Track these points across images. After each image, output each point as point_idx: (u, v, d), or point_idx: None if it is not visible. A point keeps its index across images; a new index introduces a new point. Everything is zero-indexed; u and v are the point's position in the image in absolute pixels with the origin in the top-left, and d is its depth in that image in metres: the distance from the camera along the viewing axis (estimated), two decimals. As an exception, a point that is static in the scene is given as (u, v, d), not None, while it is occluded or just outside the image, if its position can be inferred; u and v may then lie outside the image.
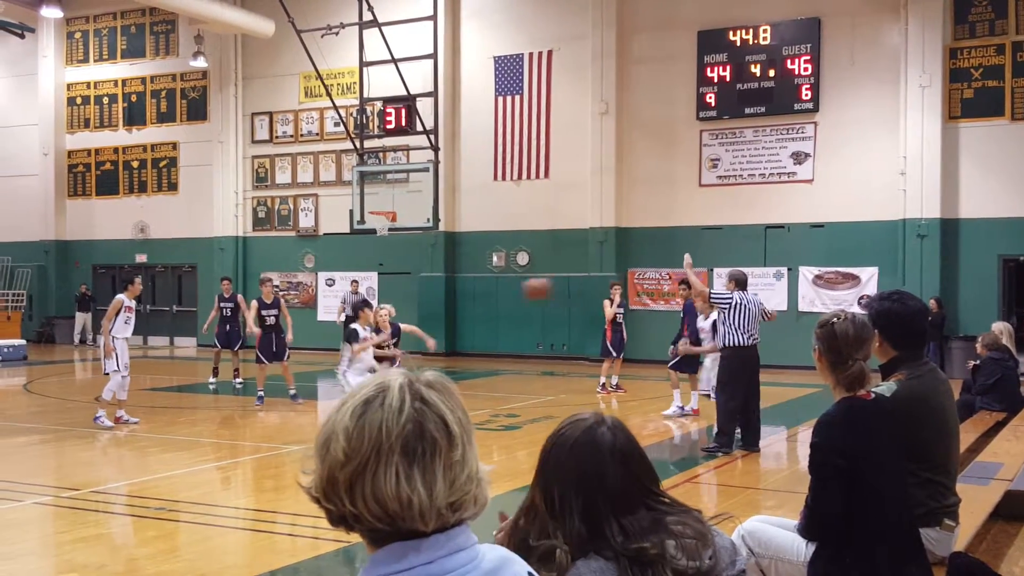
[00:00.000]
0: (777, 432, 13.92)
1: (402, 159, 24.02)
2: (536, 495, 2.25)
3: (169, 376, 20.82)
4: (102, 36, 29.89)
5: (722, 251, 22.06)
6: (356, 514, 1.49)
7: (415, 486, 1.47)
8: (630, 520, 2.17)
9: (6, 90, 30.92)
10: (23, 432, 12.85)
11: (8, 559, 7.03)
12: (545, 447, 2.28)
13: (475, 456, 1.56)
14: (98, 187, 29.97)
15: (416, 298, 24.71)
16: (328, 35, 21.99)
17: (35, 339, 28.55)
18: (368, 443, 1.48)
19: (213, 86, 27.97)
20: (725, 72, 21.85)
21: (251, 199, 27.80)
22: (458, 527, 1.53)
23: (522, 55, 23.96)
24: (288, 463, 11.01)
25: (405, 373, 1.57)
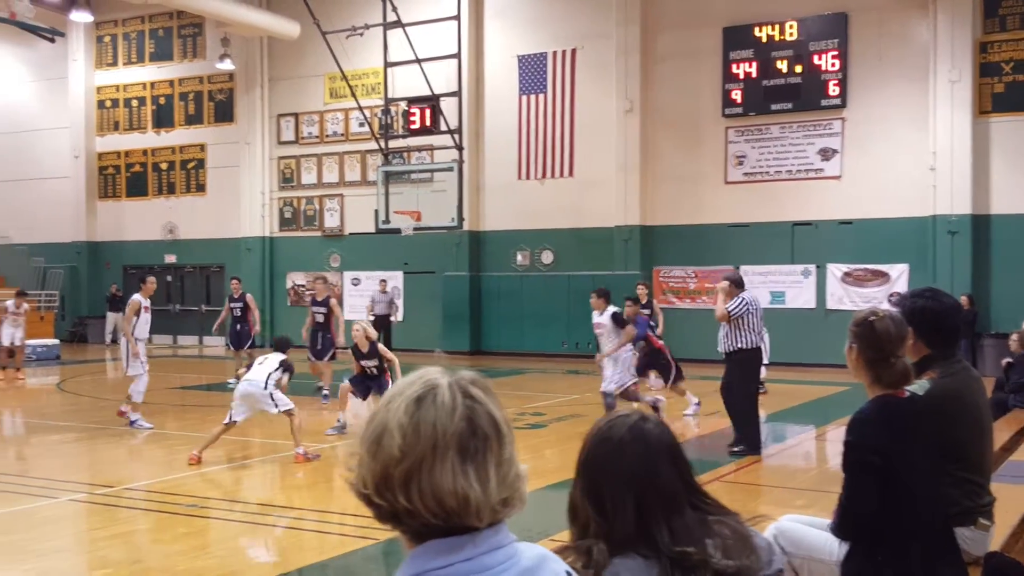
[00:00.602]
0: (806, 431, 13.84)
1: (426, 159, 24.11)
2: (578, 495, 2.24)
3: (198, 375, 20.98)
4: (130, 40, 30.15)
5: (749, 248, 21.97)
6: (411, 510, 1.50)
7: (471, 482, 1.50)
8: (678, 520, 2.17)
9: (37, 94, 31.25)
10: (58, 430, 13.00)
11: (44, 555, 7.12)
12: (588, 446, 2.26)
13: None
14: (128, 189, 30.25)
15: (441, 297, 24.78)
16: (353, 36, 22.13)
17: (68, 339, 28.86)
18: (424, 440, 1.50)
19: (240, 88, 28.16)
20: (751, 68, 21.75)
21: (277, 199, 27.96)
22: (496, 525, 1.55)
23: (546, 54, 23.95)
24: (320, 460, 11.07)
25: (446, 371, 1.59)
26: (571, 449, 8.35)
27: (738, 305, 10.82)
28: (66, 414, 14.98)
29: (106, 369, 23.43)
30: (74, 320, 30.18)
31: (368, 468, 1.54)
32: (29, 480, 9.77)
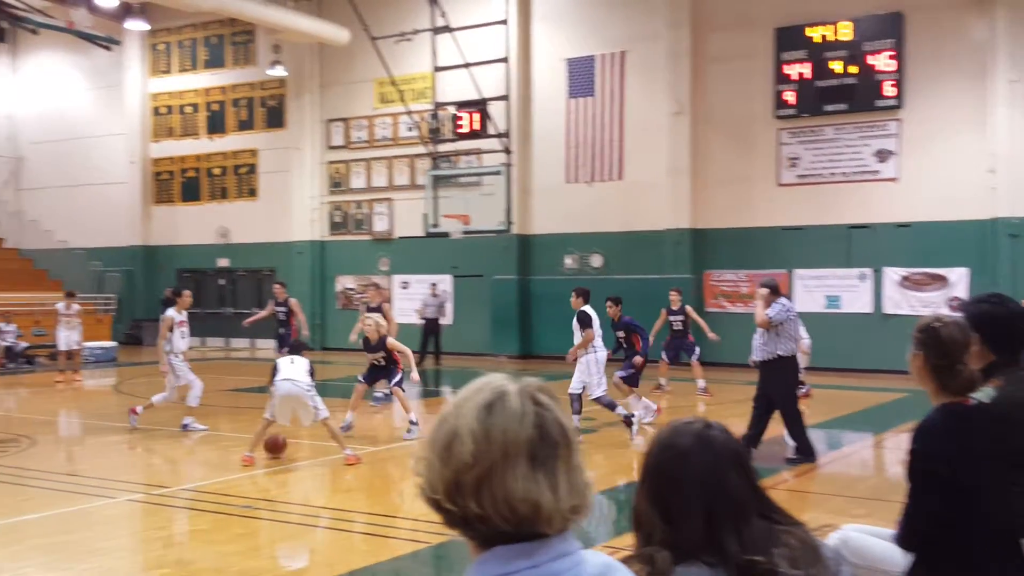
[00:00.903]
0: (863, 439, 13.62)
1: (475, 163, 24.16)
2: (643, 503, 2.21)
3: (250, 377, 21.17)
4: (184, 47, 30.58)
5: (802, 252, 21.71)
6: (482, 516, 1.51)
7: (542, 489, 1.50)
8: (746, 529, 2.14)
9: (95, 101, 31.82)
10: (115, 431, 13.20)
11: (103, 554, 7.22)
12: (653, 454, 2.23)
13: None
14: (182, 194, 30.68)
15: (489, 301, 24.79)
16: (402, 41, 22.25)
17: (124, 341, 29.29)
18: (496, 446, 1.50)
19: (290, 94, 28.43)
20: (804, 69, 21.48)
21: (327, 204, 28.18)
22: (564, 532, 1.55)
23: (594, 57, 23.88)
24: (368, 463, 11.13)
25: (511, 377, 1.59)
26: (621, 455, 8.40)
27: (779, 311, 10.60)
28: (123, 415, 15.17)
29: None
30: (130, 323, 30.65)
31: (438, 473, 1.55)
32: (88, 480, 9.92)
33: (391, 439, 13.25)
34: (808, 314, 21.56)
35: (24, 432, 13.20)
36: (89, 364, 23.94)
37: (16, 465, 10.68)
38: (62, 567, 6.89)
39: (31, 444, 12.18)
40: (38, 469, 10.46)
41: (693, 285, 22.51)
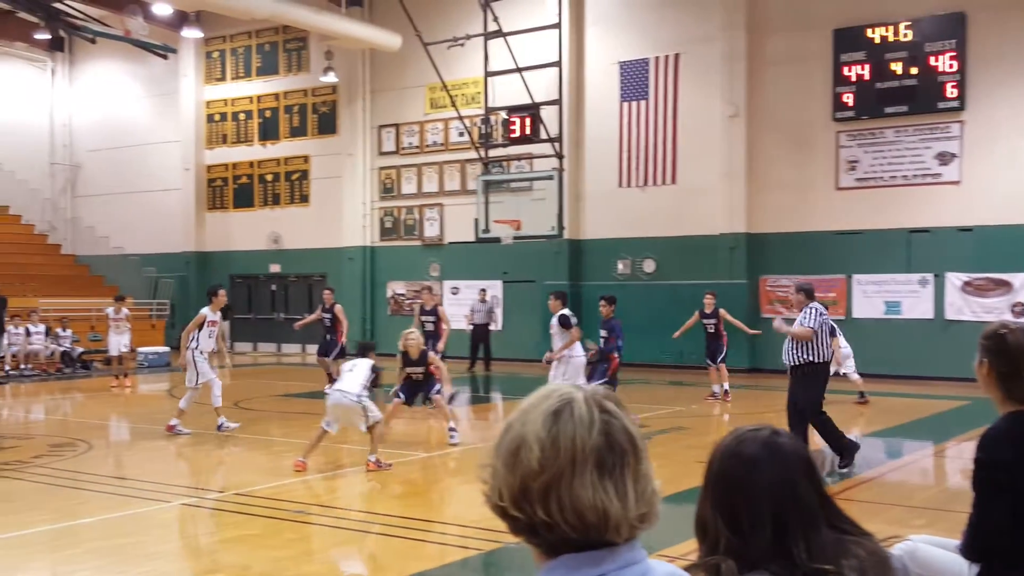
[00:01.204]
0: (923, 447, 13.31)
1: (526, 167, 24.06)
2: (708, 512, 2.15)
3: (301, 382, 21.25)
4: (238, 55, 30.89)
5: (861, 257, 21.31)
6: (549, 523, 1.49)
7: (610, 497, 1.49)
8: (815, 537, 2.08)
9: (150, 109, 32.26)
10: (168, 436, 13.25)
11: (158, 558, 7.21)
12: (718, 462, 2.17)
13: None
14: (235, 200, 30.96)
15: (540, 306, 24.57)
16: (454, 47, 22.21)
17: (177, 346, 29.56)
18: (563, 453, 1.50)
19: (342, 100, 28.58)
20: (863, 71, 21.10)
21: (378, 209, 28.26)
22: (632, 541, 1.54)
23: (647, 60, 23.68)
24: (419, 469, 11.06)
25: (578, 385, 1.59)
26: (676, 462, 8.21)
27: (815, 318, 10.22)
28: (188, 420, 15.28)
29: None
30: (183, 328, 30.94)
31: (504, 481, 1.54)
32: (142, 484, 9.95)
33: (441, 445, 13.17)
34: (867, 320, 21.24)
35: (80, 436, 13.31)
36: (143, 369, 24.21)
37: (72, 469, 10.76)
38: (118, 571, 6.88)
39: (87, 448, 12.28)
40: (94, 473, 10.52)
41: (748, 290, 22.23)
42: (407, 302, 27.00)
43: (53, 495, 9.46)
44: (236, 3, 21.99)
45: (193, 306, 30.96)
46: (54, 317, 24.33)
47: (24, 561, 7.20)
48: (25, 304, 24.02)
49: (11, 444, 12.76)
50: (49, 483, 9.99)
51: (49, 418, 16.70)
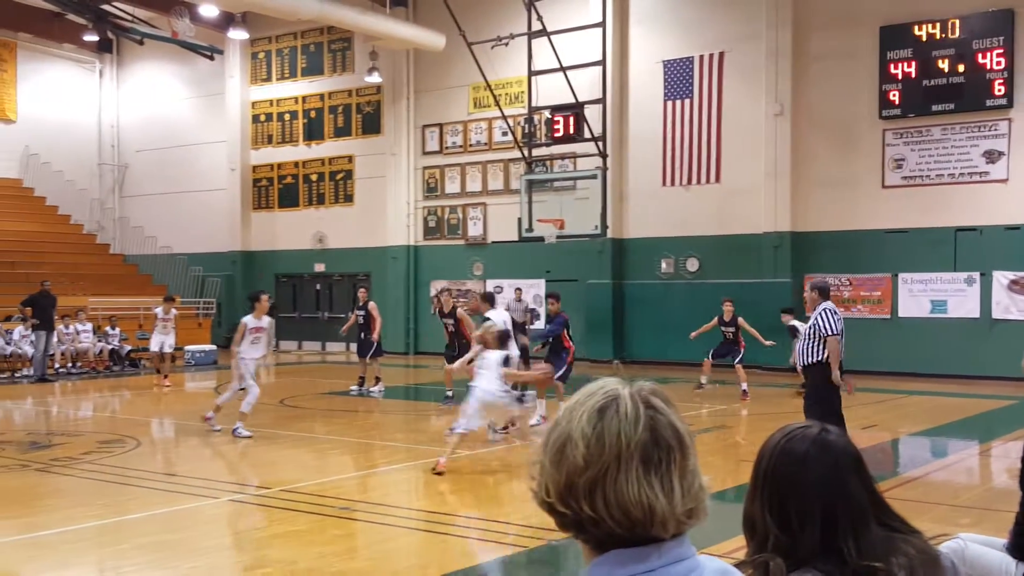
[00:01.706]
0: (969, 447, 13.16)
1: (569, 167, 24.04)
2: (757, 510, 2.15)
3: (345, 381, 21.41)
4: (283, 56, 31.18)
5: (907, 255, 21.08)
6: (595, 519, 1.50)
7: (656, 493, 1.49)
8: (865, 535, 2.08)
9: (197, 109, 32.67)
10: (215, 433, 13.42)
11: (207, 553, 7.33)
12: (767, 460, 2.17)
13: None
14: (280, 200, 31.26)
15: (584, 305, 24.63)
16: (498, 46, 22.26)
17: (223, 344, 29.88)
18: (608, 450, 1.50)
19: (386, 100, 28.74)
20: (910, 68, 20.85)
21: (422, 209, 28.39)
22: (680, 536, 1.54)
23: (692, 58, 23.57)
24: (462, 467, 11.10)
25: (625, 382, 1.59)
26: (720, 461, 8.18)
27: (832, 321, 9.92)
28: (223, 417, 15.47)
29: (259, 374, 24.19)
30: (230, 327, 31.29)
31: (551, 477, 1.55)
32: (190, 480, 10.10)
33: (486, 443, 13.22)
34: (913, 319, 21.01)
35: (129, 433, 13.53)
36: (190, 367, 24.53)
37: (121, 465, 10.94)
38: (167, 565, 7.00)
39: (136, 445, 12.48)
40: (142, 469, 10.69)
41: (792, 289, 22.04)
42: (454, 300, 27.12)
43: (102, 491, 9.63)
44: (282, 4, 22.21)
45: (239, 305, 31.35)
46: (103, 316, 24.73)
47: (74, 556, 7.34)
48: (75, 303, 24.43)
49: (61, 441, 13.01)
50: (98, 479, 10.17)
51: (98, 415, 16.99)
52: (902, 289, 21.27)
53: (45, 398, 18.40)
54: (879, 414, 15.41)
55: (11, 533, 7.88)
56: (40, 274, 24.26)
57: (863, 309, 21.66)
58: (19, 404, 17.84)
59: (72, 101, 33.54)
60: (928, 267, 20.94)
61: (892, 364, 20.87)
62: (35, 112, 32.49)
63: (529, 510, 9.03)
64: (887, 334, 21.30)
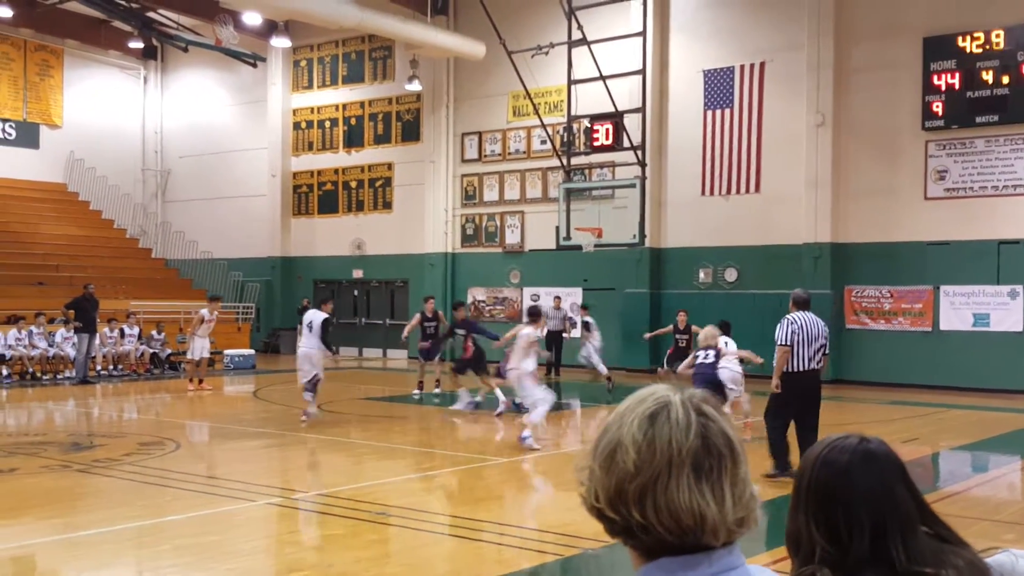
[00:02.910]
0: (1011, 462, 12.95)
1: (608, 175, 24.00)
2: (802, 523, 2.11)
3: (382, 386, 21.53)
4: (325, 63, 31.44)
5: (949, 268, 20.81)
6: (645, 525, 1.49)
7: (707, 500, 1.48)
8: (914, 542, 2.04)
9: (239, 116, 33.02)
10: (254, 436, 13.56)
11: (244, 555, 7.39)
12: (811, 473, 2.13)
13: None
14: (319, 206, 31.50)
15: (620, 314, 24.58)
16: (538, 55, 22.30)
17: (262, 349, 30.21)
18: (659, 456, 1.49)
19: (426, 108, 28.87)
20: (953, 79, 20.60)
21: (460, 216, 28.47)
22: (730, 545, 1.53)
23: (733, 68, 23.46)
24: (498, 473, 11.11)
25: (676, 388, 1.58)
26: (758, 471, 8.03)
27: (786, 331, 10.25)
28: (261, 421, 15.64)
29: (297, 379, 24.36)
30: (268, 331, 31.59)
31: (601, 483, 1.54)
32: (229, 483, 10.18)
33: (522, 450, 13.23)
34: (955, 332, 20.74)
35: (169, 435, 13.68)
36: (229, 371, 24.75)
37: (161, 467, 11.06)
38: (205, 567, 7.06)
39: (175, 447, 12.61)
40: (182, 471, 10.80)
41: (833, 300, 21.86)
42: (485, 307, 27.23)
43: (142, 492, 9.74)
44: (324, 12, 22.41)
45: (278, 310, 31.68)
46: (147, 320, 25.02)
47: (114, 556, 7.43)
48: (117, 306, 24.74)
49: (102, 442, 13.18)
50: (139, 480, 10.28)
51: (138, 417, 17.20)
52: (944, 302, 21.01)
53: (87, 400, 18.65)
54: (920, 428, 15.22)
55: (52, 533, 7.99)
56: (84, 277, 24.60)
57: (904, 322, 21.42)
58: (61, 405, 18.10)
59: (117, 107, 34.04)
60: (970, 280, 20.67)
61: (933, 378, 20.61)
62: (81, 118, 33.01)
63: (564, 518, 9.02)
64: (928, 347, 21.04)
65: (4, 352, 21.60)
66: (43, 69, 32.45)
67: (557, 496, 10.18)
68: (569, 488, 10.17)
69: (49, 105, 32.59)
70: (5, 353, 21.59)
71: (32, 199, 31.35)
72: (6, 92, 31.50)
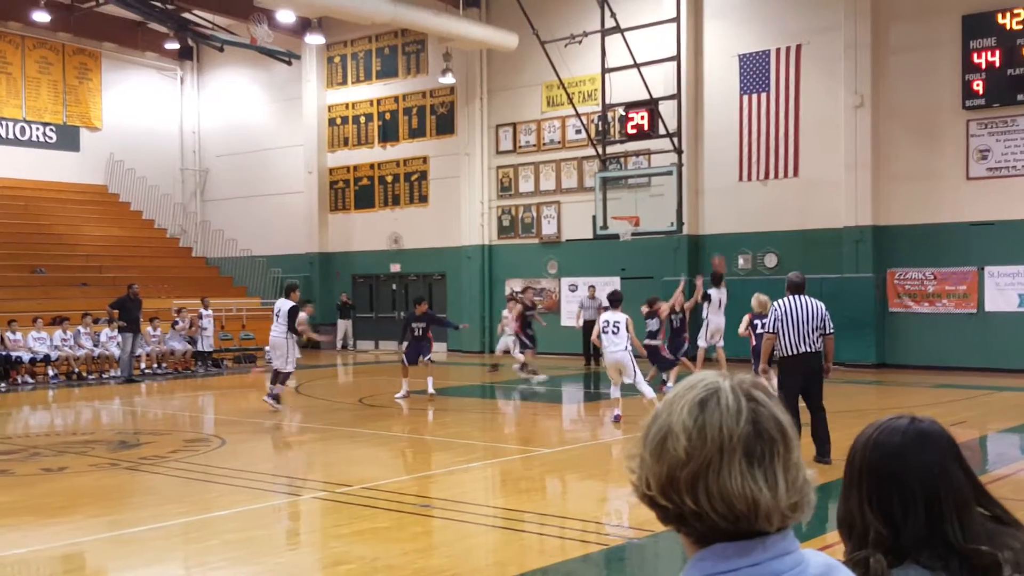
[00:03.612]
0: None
1: (644, 163, 23.88)
2: (855, 505, 2.11)
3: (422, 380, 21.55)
4: (358, 59, 31.53)
5: (993, 248, 20.49)
6: (698, 512, 1.49)
7: (760, 486, 1.47)
8: (969, 520, 2.03)
9: (275, 114, 33.22)
10: (298, 431, 13.67)
11: (292, 549, 7.46)
12: (865, 456, 2.12)
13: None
14: (356, 201, 31.63)
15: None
16: (571, 44, 22.21)
17: (303, 345, 30.34)
18: (710, 443, 1.49)
19: (460, 101, 28.88)
20: (994, 57, 20.25)
21: (496, 208, 28.46)
22: (784, 530, 1.52)
23: (768, 51, 23.22)
24: (541, 464, 11.11)
25: (725, 374, 1.57)
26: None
27: (770, 320, 10.49)
28: (304, 415, 15.75)
29: (338, 374, 24.55)
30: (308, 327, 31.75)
31: (651, 470, 1.53)
32: (274, 478, 10.27)
33: (563, 441, 13.22)
34: (1000, 313, 20.43)
35: (214, 432, 13.82)
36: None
37: (207, 463, 11.17)
38: (252, 561, 7.12)
39: (220, 443, 12.73)
40: (227, 467, 10.90)
41: (875, 284, 21.63)
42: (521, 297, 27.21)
43: (189, 488, 9.85)
44: (357, 8, 22.47)
45: (318, 305, 31.75)
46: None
47: (163, 552, 7.52)
48: (159, 305, 25.00)
49: (149, 440, 13.34)
50: (185, 477, 10.39)
51: (183, 415, 17.39)
52: (988, 283, 20.69)
53: (132, 398, 18.88)
54: (967, 410, 15.01)
55: (102, 530, 8.09)
56: (127, 277, 24.90)
57: (948, 304, 21.13)
58: (107, 404, 18.35)
59: (155, 108, 34.38)
60: (1015, 260, 20.33)
61: (979, 360, 20.32)
62: (119, 120, 33.39)
63: (607, 508, 9.00)
64: (973, 329, 20.75)
65: (50, 353, 21.93)
66: (82, 72, 32.85)
67: (599, 486, 10.16)
68: (610, 478, 10.15)
69: (88, 108, 32.99)
70: (51, 354, 21.92)
71: (74, 201, 31.78)
72: (46, 96, 31.93)
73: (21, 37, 31.13)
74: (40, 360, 21.71)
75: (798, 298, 10.45)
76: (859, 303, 21.47)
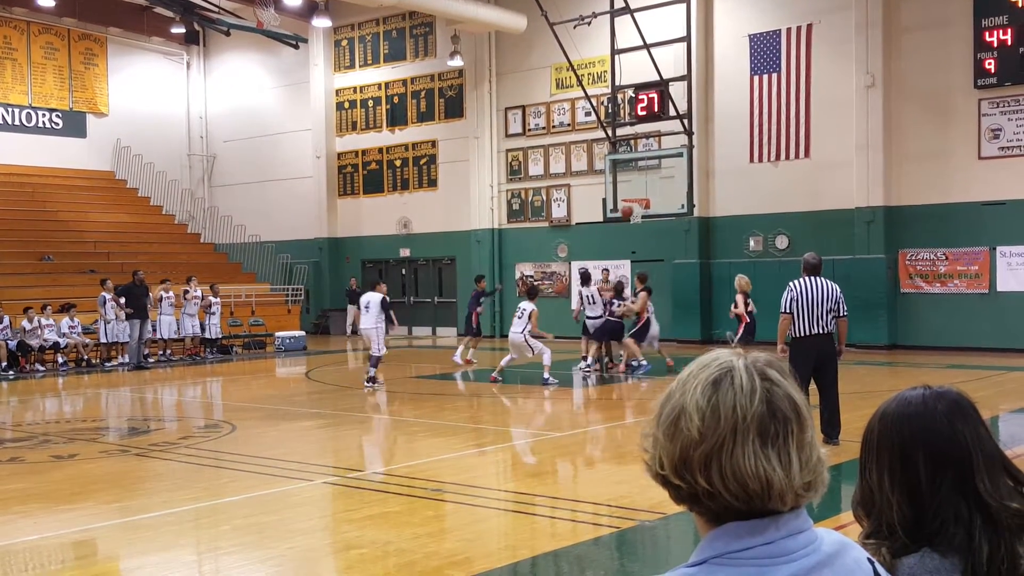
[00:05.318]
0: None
1: (654, 145, 23.74)
2: (875, 481, 2.05)
3: (432, 364, 21.58)
4: (366, 42, 31.40)
5: (1005, 228, 20.38)
6: (711, 492, 1.48)
7: (773, 466, 1.47)
8: (999, 480, 1.99)
9: (282, 98, 33.13)
10: (309, 416, 13.65)
11: (302, 534, 7.42)
12: (886, 428, 2.06)
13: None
14: (365, 186, 31.56)
15: (670, 285, 24.37)
16: (580, 25, 22.07)
17: (312, 330, 30.41)
18: (724, 422, 1.48)
19: (468, 84, 28.75)
20: (1006, 36, 20.07)
21: (505, 192, 28.36)
22: (798, 509, 1.52)
23: (779, 31, 23.05)
24: (552, 447, 11.08)
25: (739, 353, 1.56)
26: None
27: (786, 299, 10.37)
28: (315, 401, 15.75)
29: (347, 359, 24.54)
30: (318, 312, 31.80)
31: (665, 450, 1.52)
32: (285, 463, 10.24)
33: (575, 425, 13.19)
34: (1011, 293, 20.31)
35: (223, 418, 13.81)
36: (280, 353, 24.95)
37: (218, 449, 11.16)
38: (264, 546, 7.10)
39: (231, 429, 12.72)
40: (239, 453, 10.88)
41: (887, 265, 21.51)
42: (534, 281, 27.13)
43: (200, 474, 9.84)
44: (364, -9, 22.34)
45: (327, 291, 31.86)
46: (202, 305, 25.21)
47: (174, 538, 7.49)
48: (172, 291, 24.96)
49: (158, 426, 13.33)
50: (196, 463, 10.38)
51: (193, 401, 17.39)
52: (1000, 263, 20.57)
53: (141, 385, 18.90)
54: (978, 391, 14.89)
55: (113, 516, 8.08)
56: (134, 264, 24.89)
57: (960, 284, 21.01)
58: (116, 391, 18.36)
59: (161, 93, 34.31)
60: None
61: (990, 340, 20.23)
62: (126, 105, 33.33)
63: (619, 491, 8.95)
64: (985, 309, 20.64)
65: (59, 340, 21.94)
66: (87, 58, 32.79)
67: (610, 469, 10.12)
68: (622, 461, 10.12)
69: (95, 94, 32.94)
70: (60, 341, 21.93)
71: (81, 188, 31.78)
72: (52, 82, 31.89)
73: (26, 22, 31.08)
74: (49, 348, 21.73)
75: (814, 279, 10.42)
76: (871, 284, 21.38)
